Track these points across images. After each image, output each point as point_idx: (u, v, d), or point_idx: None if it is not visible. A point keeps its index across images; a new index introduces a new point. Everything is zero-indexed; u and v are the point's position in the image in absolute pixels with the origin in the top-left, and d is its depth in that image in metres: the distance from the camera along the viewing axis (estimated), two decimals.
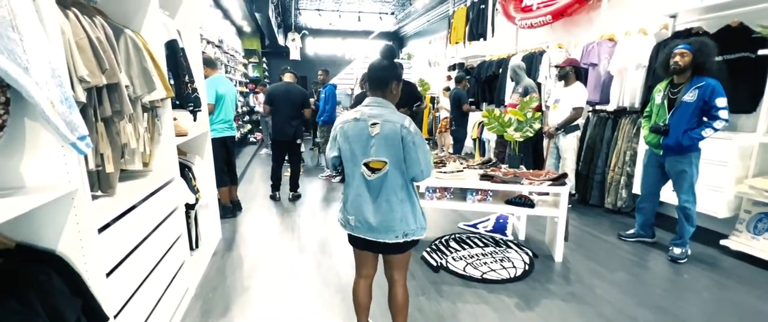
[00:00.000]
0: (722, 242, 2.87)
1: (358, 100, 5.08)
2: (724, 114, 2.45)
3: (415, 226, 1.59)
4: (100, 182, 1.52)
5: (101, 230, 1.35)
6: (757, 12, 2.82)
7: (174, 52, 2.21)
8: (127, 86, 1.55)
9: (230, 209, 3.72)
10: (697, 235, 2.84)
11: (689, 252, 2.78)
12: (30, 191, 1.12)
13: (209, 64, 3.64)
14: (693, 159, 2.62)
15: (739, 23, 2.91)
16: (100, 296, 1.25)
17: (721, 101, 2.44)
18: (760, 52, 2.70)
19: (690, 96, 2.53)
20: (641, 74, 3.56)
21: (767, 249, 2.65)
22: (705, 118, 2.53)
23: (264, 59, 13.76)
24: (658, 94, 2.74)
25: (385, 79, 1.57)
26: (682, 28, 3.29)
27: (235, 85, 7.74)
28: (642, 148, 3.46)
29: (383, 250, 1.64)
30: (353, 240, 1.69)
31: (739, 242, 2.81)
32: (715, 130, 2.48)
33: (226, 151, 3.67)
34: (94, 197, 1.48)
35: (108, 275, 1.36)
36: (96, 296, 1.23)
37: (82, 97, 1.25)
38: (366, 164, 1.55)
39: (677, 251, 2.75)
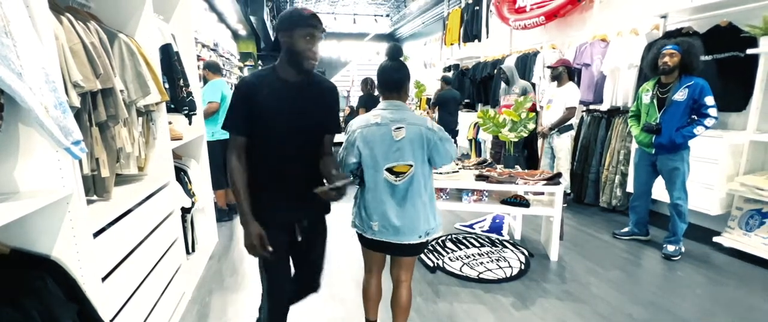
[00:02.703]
0: (715, 238, 2.90)
1: (365, 103, 5.02)
2: (713, 112, 2.50)
3: (435, 223, 1.61)
4: (95, 187, 1.52)
5: (96, 234, 1.35)
6: (745, 12, 2.87)
7: (169, 56, 2.21)
8: (121, 91, 1.55)
9: (226, 211, 3.71)
10: (690, 232, 2.87)
11: (683, 249, 2.81)
12: (24, 195, 1.12)
13: (214, 68, 3.67)
14: (684, 156, 2.67)
15: (728, 23, 2.95)
16: (96, 301, 1.24)
17: (710, 99, 2.50)
18: (749, 51, 2.74)
19: (680, 95, 2.57)
20: (633, 74, 3.60)
21: (759, 245, 2.68)
22: (695, 117, 2.57)
23: (259, 62, 13.75)
24: (646, 94, 2.77)
25: (401, 80, 1.57)
26: (672, 28, 3.33)
27: (231, 89, 7.72)
28: (635, 147, 3.49)
29: (400, 251, 1.62)
30: (369, 243, 1.64)
31: (732, 238, 2.84)
32: (706, 127, 2.53)
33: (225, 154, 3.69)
34: (90, 202, 1.48)
35: (104, 279, 1.36)
36: (92, 301, 1.23)
37: (77, 102, 1.26)
38: (389, 169, 1.52)
39: (671, 248, 2.78)
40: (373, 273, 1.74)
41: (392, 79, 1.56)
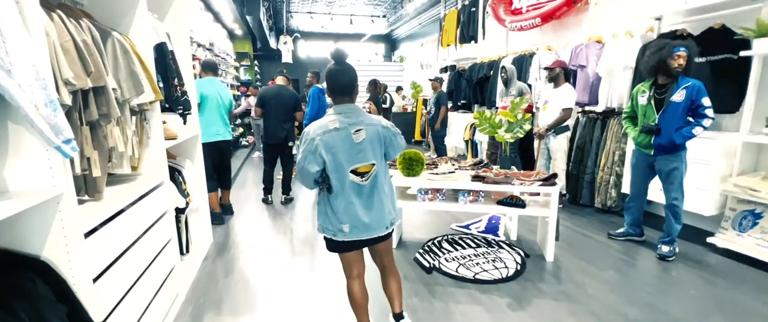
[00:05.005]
0: (709, 239, 2.92)
1: (374, 103, 5.41)
2: (710, 112, 2.52)
3: (395, 212, 1.74)
4: (86, 186, 1.50)
5: (88, 234, 1.33)
6: (738, 14, 2.90)
7: (163, 55, 2.19)
8: (114, 89, 1.53)
9: (218, 215, 3.62)
10: (684, 233, 2.88)
11: (677, 250, 2.82)
12: (14, 195, 1.10)
13: (205, 67, 3.64)
14: (683, 157, 2.68)
15: (722, 25, 2.98)
16: (87, 302, 1.23)
17: (707, 100, 2.53)
18: (742, 53, 2.76)
19: (678, 96, 2.58)
20: (628, 76, 3.62)
21: (752, 246, 2.70)
22: (690, 118, 2.59)
23: (256, 62, 13.70)
24: (642, 96, 2.77)
25: (351, 83, 1.61)
26: (667, 30, 3.36)
27: (227, 88, 7.66)
28: (631, 148, 3.50)
29: (371, 243, 1.69)
30: (340, 245, 1.67)
31: (725, 239, 2.86)
32: (705, 128, 2.55)
33: (219, 156, 3.62)
34: (81, 202, 1.46)
35: (95, 280, 1.34)
36: (82, 302, 1.21)
37: (68, 100, 1.24)
38: (353, 171, 1.57)
39: (665, 249, 2.80)
40: (354, 277, 1.75)
41: (343, 83, 1.60)
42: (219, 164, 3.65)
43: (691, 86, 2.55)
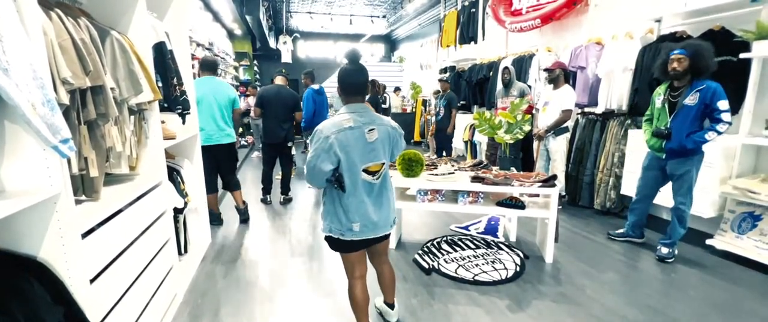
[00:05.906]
0: (708, 241, 2.92)
1: (373, 103, 5.34)
2: (726, 117, 2.43)
3: (395, 212, 1.78)
4: (83, 187, 1.49)
5: (85, 235, 1.32)
6: (738, 17, 2.90)
7: (162, 55, 2.18)
8: (112, 89, 1.52)
9: (217, 215, 3.57)
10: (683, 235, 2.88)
11: (676, 252, 2.82)
12: (10, 195, 1.09)
13: (202, 65, 3.53)
14: (696, 162, 2.62)
15: (722, 27, 2.98)
16: (84, 303, 1.22)
17: (723, 104, 2.43)
18: (742, 55, 2.76)
19: (691, 99, 2.52)
20: (628, 77, 3.62)
21: (751, 248, 2.71)
22: (707, 122, 2.53)
23: (255, 62, 13.68)
24: (658, 98, 2.72)
25: (365, 83, 1.64)
26: (667, 32, 3.36)
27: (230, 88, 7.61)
28: (630, 150, 3.51)
29: (375, 242, 1.73)
30: (347, 245, 1.67)
31: (724, 241, 2.86)
32: (719, 133, 2.45)
33: (215, 161, 3.42)
34: (79, 202, 1.45)
35: (92, 281, 1.33)
36: (79, 303, 1.20)
37: (65, 99, 1.23)
38: (365, 170, 1.60)
39: (665, 250, 2.79)
40: (357, 277, 1.76)
41: (358, 83, 1.62)
42: (215, 168, 3.45)
43: (706, 89, 2.46)
